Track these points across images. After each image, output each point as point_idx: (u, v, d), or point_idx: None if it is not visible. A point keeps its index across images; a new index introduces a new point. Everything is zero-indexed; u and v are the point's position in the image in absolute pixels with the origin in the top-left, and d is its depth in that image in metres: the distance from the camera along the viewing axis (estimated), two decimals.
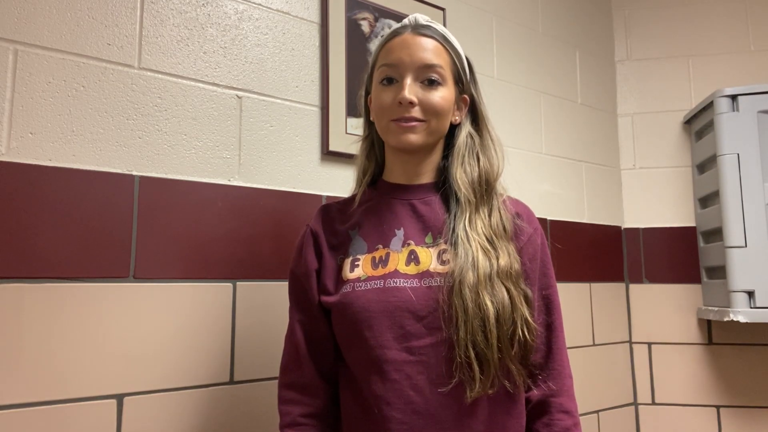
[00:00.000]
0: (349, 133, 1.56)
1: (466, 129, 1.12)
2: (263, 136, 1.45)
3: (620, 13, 2.46)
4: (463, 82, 1.12)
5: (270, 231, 1.41)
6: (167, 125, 1.31)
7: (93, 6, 1.24)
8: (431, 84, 1.06)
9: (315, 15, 1.58)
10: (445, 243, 1.03)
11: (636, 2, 2.45)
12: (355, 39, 1.62)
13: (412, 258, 1.03)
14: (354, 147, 1.29)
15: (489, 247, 1.00)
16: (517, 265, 1.01)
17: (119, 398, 1.18)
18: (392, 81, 1.07)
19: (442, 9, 1.85)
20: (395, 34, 1.10)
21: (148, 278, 1.24)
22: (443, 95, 1.06)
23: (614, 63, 2.44)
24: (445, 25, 1.83)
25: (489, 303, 0.95)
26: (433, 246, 1.04)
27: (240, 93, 1.42)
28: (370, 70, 1.15)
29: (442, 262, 1.01)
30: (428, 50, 1.06)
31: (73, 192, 1.17)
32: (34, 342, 1.11)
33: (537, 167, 2.11)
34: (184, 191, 1.31)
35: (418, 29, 1.09)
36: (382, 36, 1.67)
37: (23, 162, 1.13)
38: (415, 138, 1.06)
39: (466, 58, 1.15)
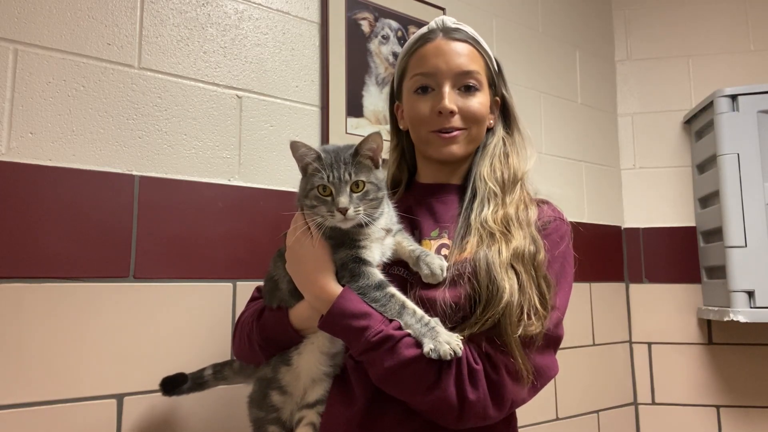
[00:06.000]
0: (349, 133, 1.56)
1: (499, 133, 1.11)
2: (263, 136, 1.45)
3: (620, 13, 2.46)
4: (496, 84, 1.11)
5: (270, 231, 1.40)
6: (167, 125, 1.31)
7: (93, 6, 1.24)
8: (468, 90, 1.04)
9: (315, 15, 1.58)
10: (449, 238, 1.02)
11: (636, 2, 2.44)
12: (355, 39, 1.62)
13: None
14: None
15: (505, 231, 0.96)
16: (532, 248, 0.95)
17: (119, 398, 1.18)
18: (427, 90, 1.05)
19: (442, 9, 1.84)
20: (425, 40, 1.07)
21: (148, 278, 1.24)
22: (481, 101, 1.05)
23: (614, 63, 2.44)
24: None
25: (506, 285, 0.89)
26: (436, 239, 1.03)
27: (240, 93, 1.42)
28: (399, 78, 1.12)
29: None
30: (464, 56, 1.04)
31: (73, 192, 1.17)
32: (34, 342, 1.11)
33: (537, 167, 2.10)
34: (184, 191, 1.31)
35: (450, 33, 1.06)
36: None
37: (23, 162, 1.13)
38: (457, 149, 1.05)
39: (495, 59, 1.12)
